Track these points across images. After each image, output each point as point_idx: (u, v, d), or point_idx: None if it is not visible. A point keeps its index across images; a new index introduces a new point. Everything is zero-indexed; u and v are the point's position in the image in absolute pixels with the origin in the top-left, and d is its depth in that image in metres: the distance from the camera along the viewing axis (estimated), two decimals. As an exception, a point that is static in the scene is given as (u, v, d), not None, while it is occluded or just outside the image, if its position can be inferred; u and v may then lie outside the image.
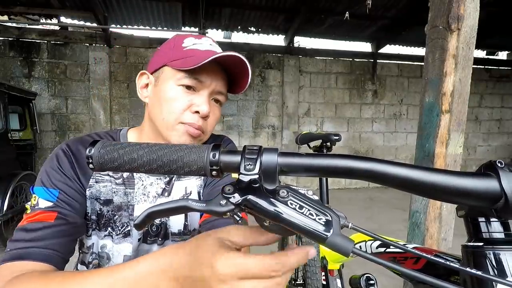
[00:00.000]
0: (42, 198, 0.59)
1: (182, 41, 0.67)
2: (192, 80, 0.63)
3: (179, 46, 0.66)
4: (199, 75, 0.63)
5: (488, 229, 0.33)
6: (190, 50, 0.65)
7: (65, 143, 0.67)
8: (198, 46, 0.66)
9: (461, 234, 0.44)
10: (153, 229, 0.73)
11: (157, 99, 0.66)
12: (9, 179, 2.77)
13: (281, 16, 4.86)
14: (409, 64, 5.93)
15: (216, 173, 0.33)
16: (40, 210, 0.58)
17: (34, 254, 0.54)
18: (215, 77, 0.65)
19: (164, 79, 0.66)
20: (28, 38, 4.56)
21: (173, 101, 0.64)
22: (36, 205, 0.59)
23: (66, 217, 0.60)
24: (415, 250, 0.32)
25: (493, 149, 6.48)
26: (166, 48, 0.69)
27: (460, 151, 1.22)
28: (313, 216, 0.28)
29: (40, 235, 0.56)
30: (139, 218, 0.34)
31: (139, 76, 0.72)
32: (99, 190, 0.67)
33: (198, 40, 0.68)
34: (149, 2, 4.28)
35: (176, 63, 0.64)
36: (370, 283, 0.83)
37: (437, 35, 1.19)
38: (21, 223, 0.58)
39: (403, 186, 0.29)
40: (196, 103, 0.64)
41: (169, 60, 0.65)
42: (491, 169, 0.29)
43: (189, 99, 0.64)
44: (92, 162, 0.34)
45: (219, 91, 0.67)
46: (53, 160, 0.64)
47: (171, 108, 0.64)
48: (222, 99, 0.70)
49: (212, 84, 0.65)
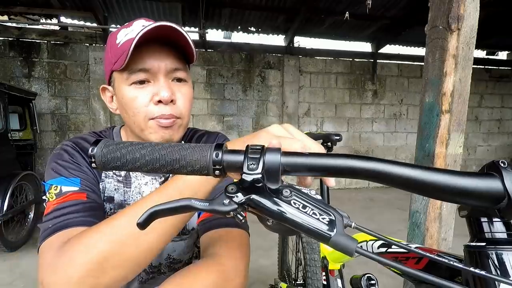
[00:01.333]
0: (66, 186, 0.58)
1: (116, 38, 0.63)
2: (138, 74, 0.60)
3: (114, 44, 0.62)
4: (142, 64, 0.59)
5: (491, 229, 0.33)
6: (123, 44, 0.59)
7: (69, 141, 0.66)
8: (129, 35, 0.60)
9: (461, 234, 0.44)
10: None
11: (121, 106, 0.65)
12: (9, 179, 2.77)
13: (281, 16, 4.85)
14: (409, 64, 5.93)
15: (219, 172, 0.33)
16: (70, 192, 0.57)
17: (76, 222, 0.53)
18: (160, 58, 0.60)
19: (117, 85, 0.64)
20: (28, 38, 4.55)
21: (134, 102, 0.61)
22: (60, 191, 0.58)
23: (94, 199, 0.60)
24: (418, 250, 0.32)
25: (493, 149, 6.48)
26: (106, 53, 0.65)
27: (460, 151, 1.22)
28: (317, 215, 0.28)
29: (77, 208, 0.55)
30: (141, 217, 0.34)
31: (101, 92, 0.70)
32: (106, 186, 0.68)
33: (129, 28, 0.62)
34: (149, 2, 4.27)
35: (117, 65, 0.60)
36: (371, 283, 0.83)
37: (437, 35, 1.19)
38: (48, 209, 0.56)
39: (406, 186, 0.29)
40: (156, 92, 0.60)
41: (112, 65, 0.62)
42: (494, 169, 0.29)
43: (147, 91, 0.61)
44: (94, 161, 0.34)
45: (173, 68, 0.62)
46: (63, 155, 0.63)
47: (134, 109, 0.62)
48: (183, 75, 0.64)
49: (161, 66, 0.60)
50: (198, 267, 0.55)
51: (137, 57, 0.58)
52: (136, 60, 0.58)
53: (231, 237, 0.61)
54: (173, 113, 0.62)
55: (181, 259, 0.78)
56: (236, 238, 0.61)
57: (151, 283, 0.76)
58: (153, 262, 0.76)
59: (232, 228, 0.63)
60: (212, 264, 0.55)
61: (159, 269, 0.76)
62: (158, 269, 0.76)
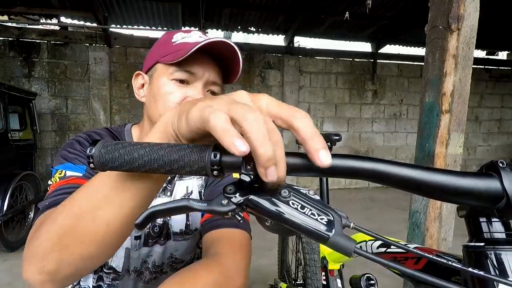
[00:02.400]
0: (71, 171, 0.60)
1: (172, 37, 0.68)
2: (184, 73, 0.64)
3: (169, 41, 0.67)
4: (190, 67, 0.64)
5: (490, 229, 0.33)
6: (180, 44, 0.65)
7: (83, 133, 0.69)
8: (187, 39, 0.66)
9: (461, 234, 0.44)
10: (155, 230, 0.73)
11: (153, 96, 0.67)
12: (9, 179, 2.77)
13: (281, 16, 4.86)
14: (409, 64, 5.93)
15: (217, 172, 0.32)
16: (73, 176, 0.59)
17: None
18: (207, 68, 0.65)
19: (158, 76, 0.67)
20: (28, 38, 4.56)
21: (167, 96, 0.64)
22: (65, 175, 0.59)
23: None
24: (417, 250, 0.32)
25: (493, 149, 6.48)
26: (157, 46, 0.70)
27: (460, 151, 1.22)
28: (315, 216, 0.28)
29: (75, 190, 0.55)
30: (139, 218, 0.34)
31: (134, 77, 0.73)
32: None
33: (187, 34, 0.68)
34: (149, 2, 4.27)
35: (167, 58, 0.64)
36: (371, 283, 0.83)
37: (437, 35, 1.19)
38: (51, 190, 0.57)
39: (405, 186, 0.29)
40: (191, 95, 0.64)
41: (160, 57, 0.66)
42: (493, 169, 0.29)
43: (183, 92, 0.64)
44: (93, 161, 0.34)
45: (213, 81, 0.67)
46: (74, 144, 0.65)
47: (166, 103, 0.64)
48: (217, 90, 0.69)
49: (204, 75, 0.65)
50: (199, 267, 0.55)
51: (189, 59, 0.62)
52: (188, 61, 0.62)
53: (233, 238, 0.62)
54: None
55: (183, 259, 0.79)
56: (237, 238, 0.62)
57: (154, 283, 0.76)
58: (156, 261, 0.76)
59: (234, 228, 0.63)
60: (213, 263, 0.55)
61: (161, 269, 0.77)
62: (160, 269, 0.77)
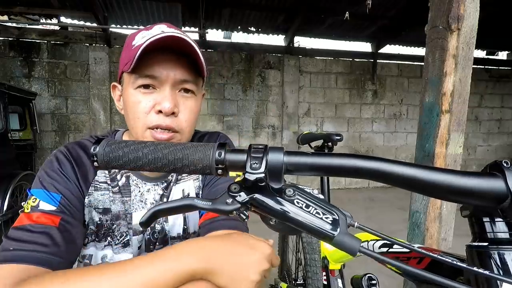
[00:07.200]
0: (44, 201, 0.56)
1: (133, 39, 0.61)
2: (145, 79, 0.58)
3: (129, 45, 0.60)
4: (150, 70, 0.58)
5: (493, 229, 0.33)
6: (137, 46, 0.56)
7: (64, 147, 0.64)
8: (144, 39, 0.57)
9: (461, 234, 0.44)
10: (155, 236, 0.71)
11: (125, 108, 0.63)
12: (9, 179, 2.77)
13: (281, 16, 4.85)
14: (409, 64, 5.93)
15: (222, 171, 0.32)
16: (43, 212, 0.55)
17: (37, 258, 0.50)
18: (170, 67, 0.59)
19: (125, 86, 0.62)
20: (28, 38, 4.55)
21: (135, 106, 0.59)
22: (37, 206, 0.55)
23: (69, 223, 0.57)
24: (421, 250, 0.32)
25: (493, 149, 6.48)
26: (123, 52, 0.63)
27: (460, 151, 1.22)
28: (320, 215, 0.28)
29: (44, 239, 0.52)
30: (144, 216, 0.34)
31: (111, 89, 0.69)
32: (97, 198, 0.65)
33: (148, 31, 0.60)
34: (149, 2, 4.27)
35: (126, 66, 0.57)
36: (372, 283, 0.83)
37: (437, 35, 1.19)
38: (20, 222, 0.54)
39: (409, 185, 0.29)
40: (159, 101, 0.58)
41: (123, 65, 0.60)
42: (497, 169, 0.29)
43: (149, 99, 0.59)
44: (97, 160, 0.34)
45: (182, 79, 0.60)
46: (53, 162, 0.61)
47: (135, 114, 0.60)
48: (191, 87, 0.62)
49: (169, 76, 0.58)
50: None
51: (148, 63, 0.57)
52: (146, 65, 0.57)
53: None
54: (172, 125, 0.60)
55: None
56: None
57: None
58: None
59: (232, 230, 0.62)
60: None
61: None
62: None
